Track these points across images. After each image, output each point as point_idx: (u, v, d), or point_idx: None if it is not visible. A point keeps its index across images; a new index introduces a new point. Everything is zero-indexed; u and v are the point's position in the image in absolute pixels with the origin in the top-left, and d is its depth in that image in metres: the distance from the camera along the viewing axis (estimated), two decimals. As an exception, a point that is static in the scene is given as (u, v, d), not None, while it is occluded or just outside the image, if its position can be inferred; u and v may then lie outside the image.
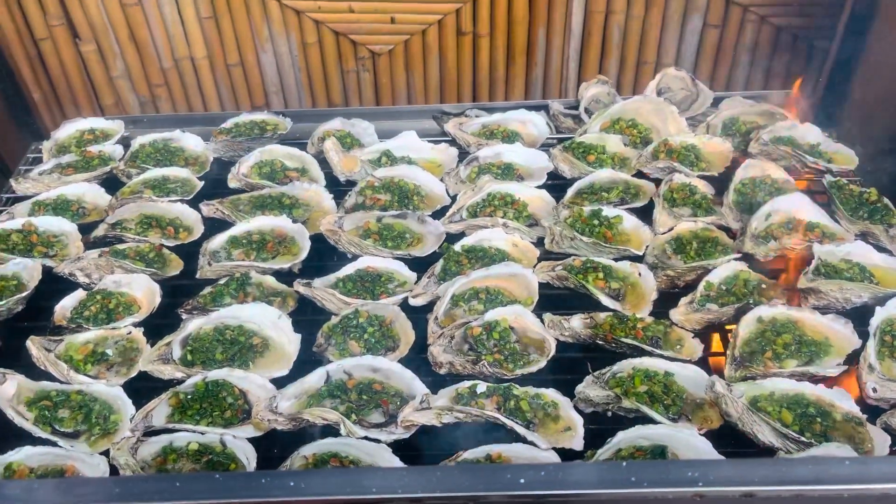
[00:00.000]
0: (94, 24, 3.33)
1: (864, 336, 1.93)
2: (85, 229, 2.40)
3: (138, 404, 1.89)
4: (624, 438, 1.73)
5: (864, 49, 2.66)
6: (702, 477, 1.40)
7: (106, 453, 1.79)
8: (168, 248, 2.33)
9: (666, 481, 1.40)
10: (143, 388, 1.95)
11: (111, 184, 2.59)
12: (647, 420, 1.79)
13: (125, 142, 2.80)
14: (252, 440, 1.82)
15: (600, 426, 1.83)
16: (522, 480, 1.40)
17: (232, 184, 2.54)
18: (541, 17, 3.34)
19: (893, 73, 2.51)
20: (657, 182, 2.46)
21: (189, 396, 1.89)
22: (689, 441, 1.72)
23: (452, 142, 2.68)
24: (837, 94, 2.76)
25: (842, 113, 2.67)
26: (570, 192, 2.43)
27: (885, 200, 2.28)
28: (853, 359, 1.91)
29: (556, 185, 2.50)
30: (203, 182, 2.58)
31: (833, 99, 2.77)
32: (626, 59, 3.45)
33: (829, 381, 1.88)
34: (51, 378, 1.96)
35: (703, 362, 1.96)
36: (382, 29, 3.38)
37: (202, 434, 1.81)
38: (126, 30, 3.36)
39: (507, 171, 2.52)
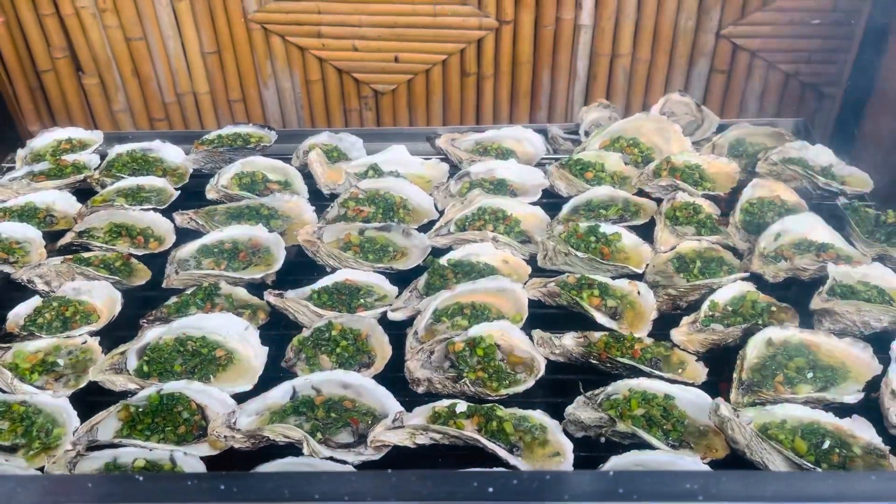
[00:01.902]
0: (98, 57, 3.30)
1: (884, 362, 1.76)
2: (53, 238, 2.29)
3: (86, 419, 1.73)
4: (617, 465, 1.57)
5: (876, 82, 2.56)
6: (702, 490, 1.20)
7: (43, 469, 1.63)
8: (137, 257, 2.20)
9: (660, 494, 1.20)
10: (96, 402, 1.80)
11: (86, 194, 2.48)
12: (643, 446, 1.63)
13: (104, 153, 2.70)
14: (209, 460, 1.65)
15: (592, 452, 1.66)
16: (491, 490, 1.21)
17: (210, 195, 2.42)
18: (545, 60, 3.28)
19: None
20: (658, 201, 2.32)
21: (140, 410, 1.74)
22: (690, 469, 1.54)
23: (444, 158, 2.56)
24: (850, 123, 2.64)
25: (854, 139, 2.55)
26: (566, 208, 2.30)
27: (905, 222, 2.14)
28: (873, 386, 1.74)
29: (552, 203, 2.37)
30: (179, 192, 2.47)
31: (845, 127, 2.66)
32: (632, 103, 3.35)
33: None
34: (-6, 388, 1.82)
35: (707, 388, 1.78)
36: (386, 68, 3.33)
37: (150, 451, 1.64)
38: (130, 64, 3.32)
39: (500, 187, 2.40)
